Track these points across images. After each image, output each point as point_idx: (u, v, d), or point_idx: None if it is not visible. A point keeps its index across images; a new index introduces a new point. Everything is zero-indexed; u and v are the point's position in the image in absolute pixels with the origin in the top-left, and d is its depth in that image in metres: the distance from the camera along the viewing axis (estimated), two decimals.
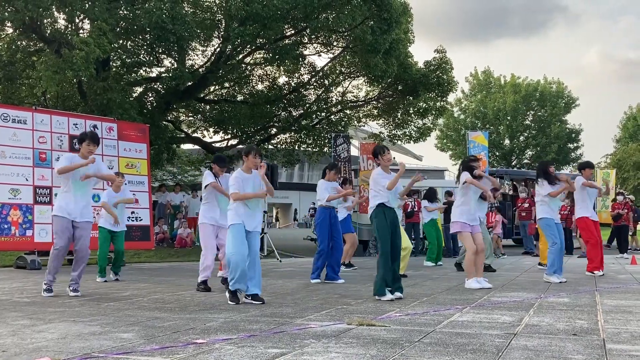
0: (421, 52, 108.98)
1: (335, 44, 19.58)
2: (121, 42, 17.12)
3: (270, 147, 22.26)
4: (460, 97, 49.56)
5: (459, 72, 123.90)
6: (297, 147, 22.23)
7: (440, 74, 19.74)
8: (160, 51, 17.91)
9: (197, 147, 24.29)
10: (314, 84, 21.38)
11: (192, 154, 27.46)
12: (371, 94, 21.94)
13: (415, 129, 22.36)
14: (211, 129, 22.37)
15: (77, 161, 7.11)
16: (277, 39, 17.49)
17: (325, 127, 21.50)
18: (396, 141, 22.99)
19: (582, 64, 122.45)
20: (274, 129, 21.66)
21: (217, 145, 21.86)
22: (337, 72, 21.22)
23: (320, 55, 20.36)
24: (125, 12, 16.03)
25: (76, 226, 7.15)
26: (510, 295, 7.09)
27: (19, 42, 16.72)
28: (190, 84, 18.12)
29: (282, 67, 20.62)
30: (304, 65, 20.59)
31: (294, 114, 20.97)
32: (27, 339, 4.36)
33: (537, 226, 13.83)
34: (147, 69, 19.42)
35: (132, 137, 13.61)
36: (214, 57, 19.18)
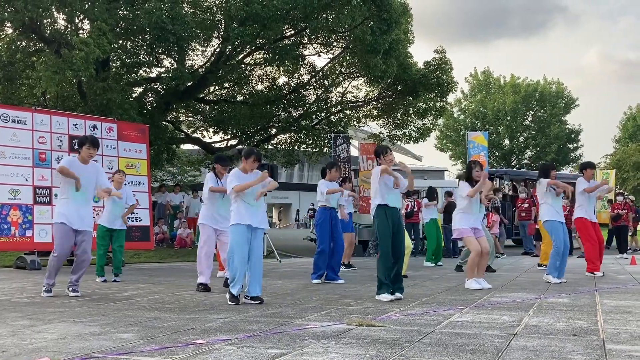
0: (421, 53, 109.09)
1: (335, 44, 19.59)
2: (121, 42, 17.12)
3: (270, 147, 22.27)
4: (460, 97, 49.59)
5: (459, 72, 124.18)
6: (296, 148, 22.26)
7: (440, 75, 19.76)
8: (160, 51, 17.92)
9: (196, 147, 24.33)
10: (314, 85, 21.39)
11: (191, 154, 27.49)
12: (371, 94, 21.96)
13: (415, 129, 22.40)
14: (211, 129, 22.39)
15: (77, 165, 7.08)
16: (276, 40, 17.49)
17: (325, 127, 21.52)
18: (396, 141, 23.00)
19: (581, 64, 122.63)
20: (274, 129, 21.67)
21: (217, 145, 21.88)
22: (337, 72, 21.23)
23: (320, 55, 20.39)
24: (125, 12, 16.04)
25: (77, 233, 7.10)
26: (509, 295, 7.09)
27: (19, 43, 16.73)
28: (190, 84, 18.13)
29: (281, 68, 20.63)
30: (303, 65, 20.60)
31: (294, 114, 20.98)
32: (27, 340, 4.35)
33: (537, 226, 13.87)
34: (147, 69, 19.43)
35: (132, 137, 13.61)
36: (213, 58, 19.19)
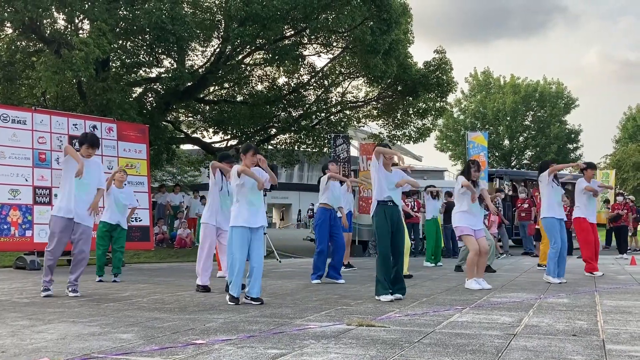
0: (421, 53, 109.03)
1: (334, 44, 19.59)
2: (121, 42, 17.12)
3: (270, 147, 22.27)
4: (459, 97, 49.59)
5: (459, 72, 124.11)
6: (296, 148, 22.26)
7: (439, 75, 19.76)
8: (159, 52, 17.92)
9: (196, 147, 24.33)
10: (314, 85, 21.40)
11: (191, 155, 27.51)
12: (371, 94, 21.97)
13: (414, 129, 22.41)
14: (211, 130, 22.39)
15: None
16: (276, 40, 17.49)
17: (324, 127, 21.52)
18: (396, 141, 23.00)
19: (581, 64, 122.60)
20: (274, 130, 21.67)
21: (217, 145, 21.88)
22: (337, 72, 21.23)
23: (319, 55, 20.39)
24: (124, 12, 16.04)
25: (76, 228, 7.02)
26: (509, 295, 7.09)
27: (19, 43, 16.72)
28: (189, 84, 18.13)
29: (281, 68, 20.63)
30: (303, 65, 20.60)
31: (294, 115, 20.98)
32: (27, 340, 4.35)
33: (537, 226, 13.87)
34: (147, 70, 19.42)
35: (132, 137, 13.61)
36: (213, 58, 19.19)
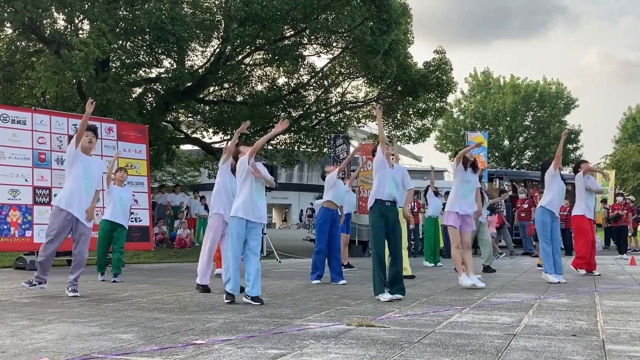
0: (421, 53, 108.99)
1: (334, 44, 19.59)
2: (121, 42, 17.12)
3: (269, 147, 22.26)
4: (459, 97, 49.64)
5: (459, 72, 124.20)
6: (296, 148, 22.26)
7: (439, 75, 19.76)
8: (159, 52, 17.91)
9: (196, 147, 24.32)
10: (314, 85, 21.40)
11: (191, 155, 27.50)
12: (371, 94, 21.98)
13: (414, 129, 22.43)
14: (210, 130, 22.39)
15: (82, 157, 6.96)
16: (276, 40, 17.50)
17: (324, 127, 21.53)
18: (395, 141, 22.99)
19: (581, 64, 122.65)
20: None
21: (217, 145, 21.87)
22: (337, 72, 21.23)
23: (319, 56, 20.40)
24: (124, 12, 16.03)
25: (75, 228, 6.95)
26: (509, 296, 7.09)
27: (19, 43, 16.71)
28: (189, 84, 18.13)
29: (281, 68, 20.64)
30: (303, 66, 20.60)
31: (294, 115, 20.97)
32: (27, 340, 4.35)
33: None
34: (147, 70, 19.42)
35: (132, 137, 13.61)
36: (213, 58, 19.19)
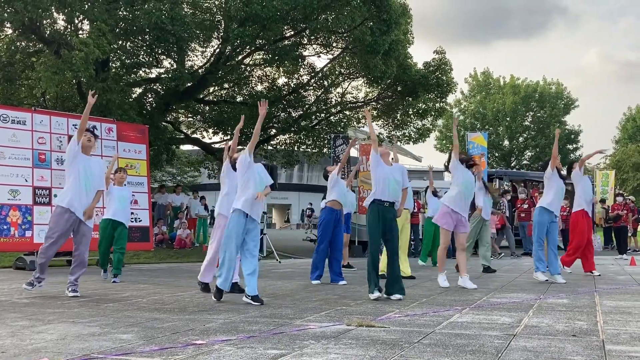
0: (420, 53, 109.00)
1: (334, 45, 19.59)
2: (120, 42, 17.10)
3: (269, 147, 22.27)
4: (459, 98, 49.68)
5: (459, 73, 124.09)
6: (296, 148, 22.25)
7: (439, 75, 19.76)
8: (159, 52, 17.90)
9: (196, 147, 24.30)
10: (314, 85, 21.39)
11: (191, 155, 27.47)
12: (370, 94, 21.97)
13: (414, 129, 22.42)
14: (210, 130, 22.36)
15: (81, 157, 6.95)
16: (276, 40, 17.49)
17: (324, 128, 21.51)
18: (395, 142, 22.99)
19: (581, 64, 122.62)
20: (274, 130, 21.66)
21: (217, 146, 21.86)
22: (337, 73, 21.22)
23: (319, 56, 20.38)
24: (124, 13, 16.02)
25: (78, 227, 6.96)
26: (509, 296, 7.10)
27: (19, 43, 16.70)
28: (189, 84, 18.11)
29: (281, 68, 20.63)
30: (303, 66, 20.59)
31: (294, 115, 20.97)
32: (26, 340, 4.35)
33: None
34: (147, 70, 19.40)
35: (132, 138, 13.61)
36: (213, 58, 19.18)
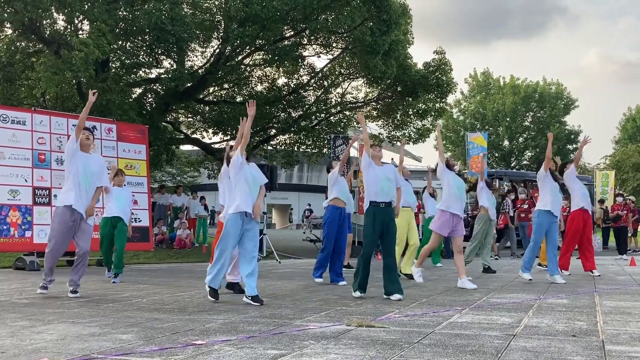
0: (420, 54, 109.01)
1: (334, 45, 19.59)
2: (120, 43, 17.11)
3: (269, 148, 22.27)
4: (459, 98, 49.64)
5: (459, 73, 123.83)
6: (296, 148, 22.27)
7: (439, 75, 19.77)
8: (159, 52, 17.90)
9: (196, 148, 24.31)
10: (314, 85, 21.40)
11: (191, 155, 27.48)
12: (370, 95, 21.98)
13: (414, 130, 22.43)
14: (210, 130, 22.37)
15: (80, 155, 7.00)
16: (276, 40, 17.50)
17: (324, 128, 21.53)
18: (395, 142, 23.01)
19: (581, 65, 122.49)
20: (274, 130, 21.67)
21: (217, 146, 21.87)
22: (337, 73, 21.23)
23: (319, 56, 20.40)
24: (124, 13, 16.03)
25: (79, 226, 6.98)
26: (509, 296, 7.10)
27: (18, 43, 16.71)
28: (189, 85, 18.12)
29: (281, 68, 20.64)
30: (303, 66, 20.60)
31: (294, 115, 20.98)
32: (26, 340, 4.35)
33: None
34: (147, 70, 19.41)
35: (131, 138, 13.62)
36: (213, 58, 19.18)
